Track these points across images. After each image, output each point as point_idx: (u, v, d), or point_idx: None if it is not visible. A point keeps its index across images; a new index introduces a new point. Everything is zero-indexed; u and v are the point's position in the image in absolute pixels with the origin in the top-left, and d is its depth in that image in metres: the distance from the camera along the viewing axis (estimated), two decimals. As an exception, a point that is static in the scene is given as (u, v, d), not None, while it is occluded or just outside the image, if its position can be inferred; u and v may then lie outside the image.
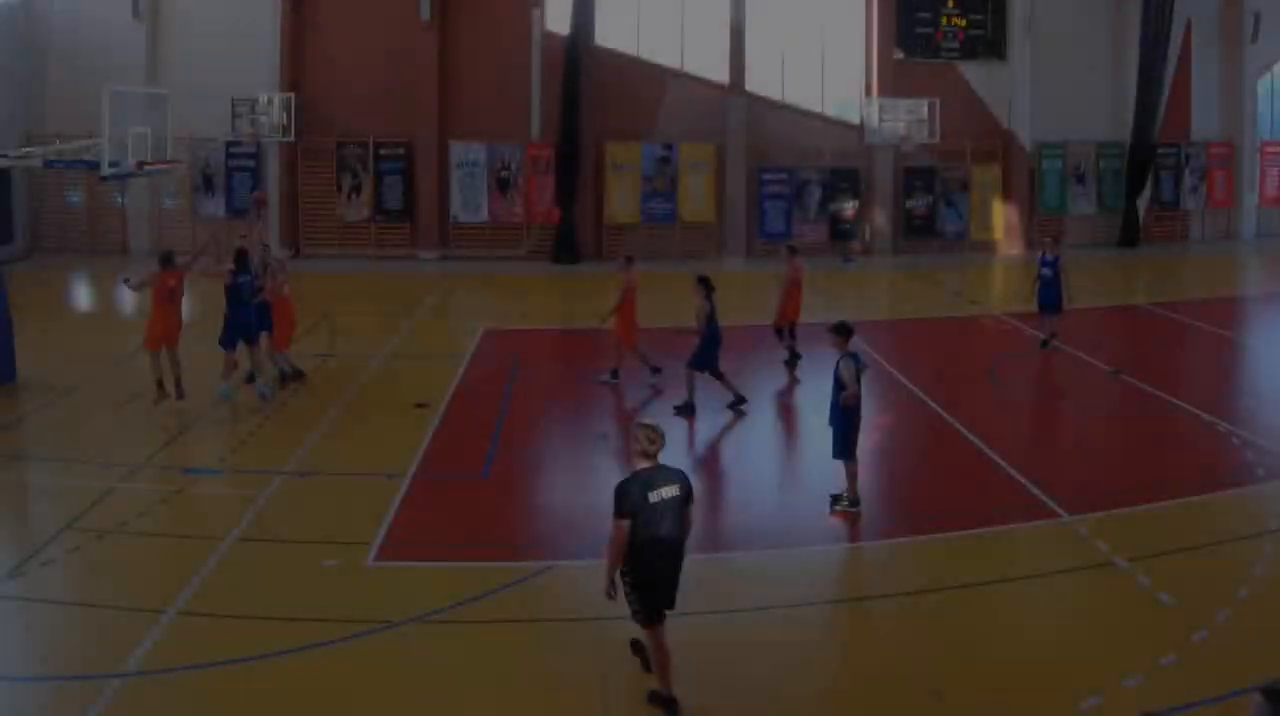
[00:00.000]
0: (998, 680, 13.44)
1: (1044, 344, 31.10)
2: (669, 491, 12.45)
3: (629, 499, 12.33)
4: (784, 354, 29.48)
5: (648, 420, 13.08)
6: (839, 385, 18.64)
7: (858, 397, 18.65)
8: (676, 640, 12.68)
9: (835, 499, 19.02)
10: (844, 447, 18.91)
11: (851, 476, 18.98)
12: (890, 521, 18.88)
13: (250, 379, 26.22)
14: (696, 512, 13.14)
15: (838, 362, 18.73)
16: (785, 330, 29.56)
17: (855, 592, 16.67)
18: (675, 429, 23.05)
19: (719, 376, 24.88)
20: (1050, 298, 30.93)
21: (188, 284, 25.97)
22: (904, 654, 14.18)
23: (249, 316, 25.49)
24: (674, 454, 15.99)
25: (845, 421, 18.77)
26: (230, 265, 25.58)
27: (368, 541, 17.51)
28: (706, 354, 24.66)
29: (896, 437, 23.59)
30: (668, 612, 12.67)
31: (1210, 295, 41.16)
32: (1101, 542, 17.32)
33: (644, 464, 12.63)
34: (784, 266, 30.12)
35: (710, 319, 24.43)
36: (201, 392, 24.98)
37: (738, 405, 24.63)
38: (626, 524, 12.30)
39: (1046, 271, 31.07)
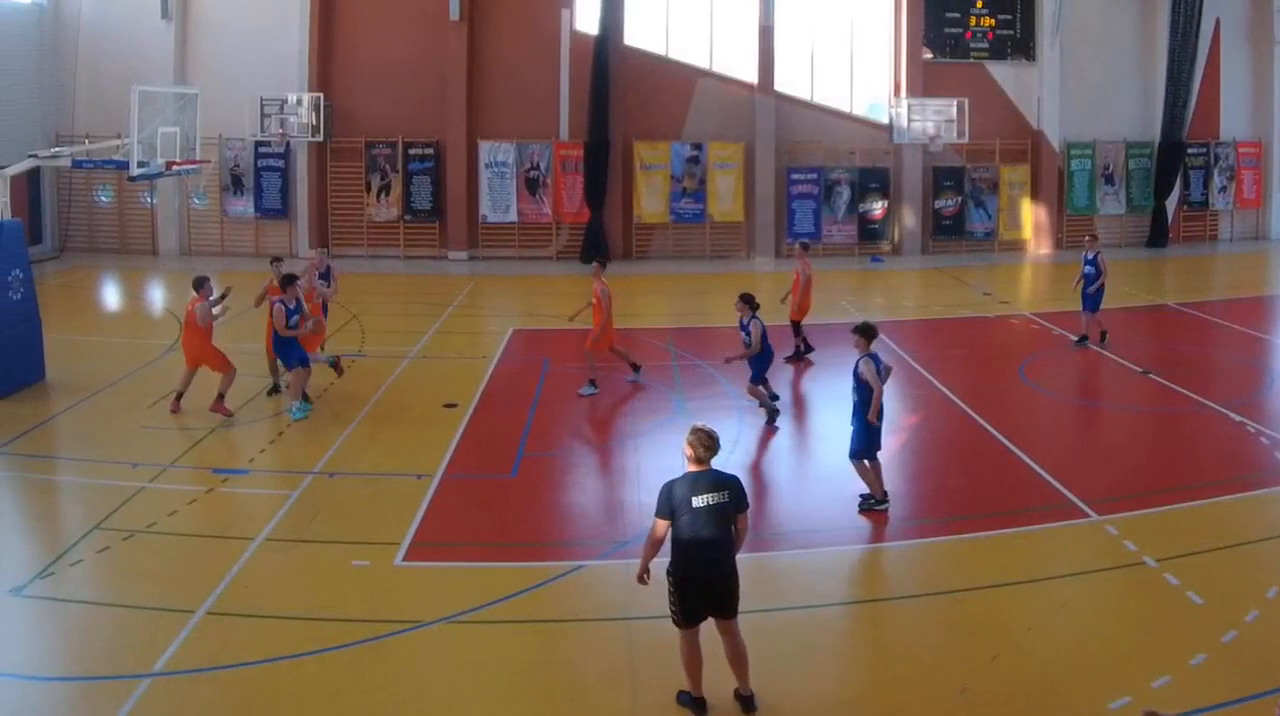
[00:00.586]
0: (1026, 679, 13.41)
1: (1082, 341, 31.42)
2: (716, 496, 12.43)
3: (671, 500, 12.38)
4: (797, 349, 30.07)
5: (701, 424, 12.99)
6: (860, 384, 18.80)
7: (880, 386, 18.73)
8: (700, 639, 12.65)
9: (865, 498, 19.10)
10: (860, 448, 18.99)
11: (875, 473, 19.09)
12: (919, 520, 18.87)
13: (275, 390, 26.32)
14: None
15: (858, 362, 18.83)
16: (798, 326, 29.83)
17: (883, 592, 16.62)
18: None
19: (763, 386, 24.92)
20: (1093, 295, 31.31)
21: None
22: (932, 652, 14.16)
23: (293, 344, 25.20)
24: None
25: (865, 422, 18.83)
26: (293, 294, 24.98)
27: (397, 541, 17.56)
28: (762, 367, 24.65)
29: (925, 437, 23.61)
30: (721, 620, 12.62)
31: (1239, 295, 41.03)
32: (1130, 542, 17.32)
33: (694, 467, 12.62)
34: (797, 263, 30.52)
35: (764, 337, 24.24)
36: (231, 391, 24.94)
37: (771, 421, 24.27)
38: (665, 524, 12.36)
39: (1089, 269, 31.35)
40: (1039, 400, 26.96)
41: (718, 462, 12.87)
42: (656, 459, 21.87)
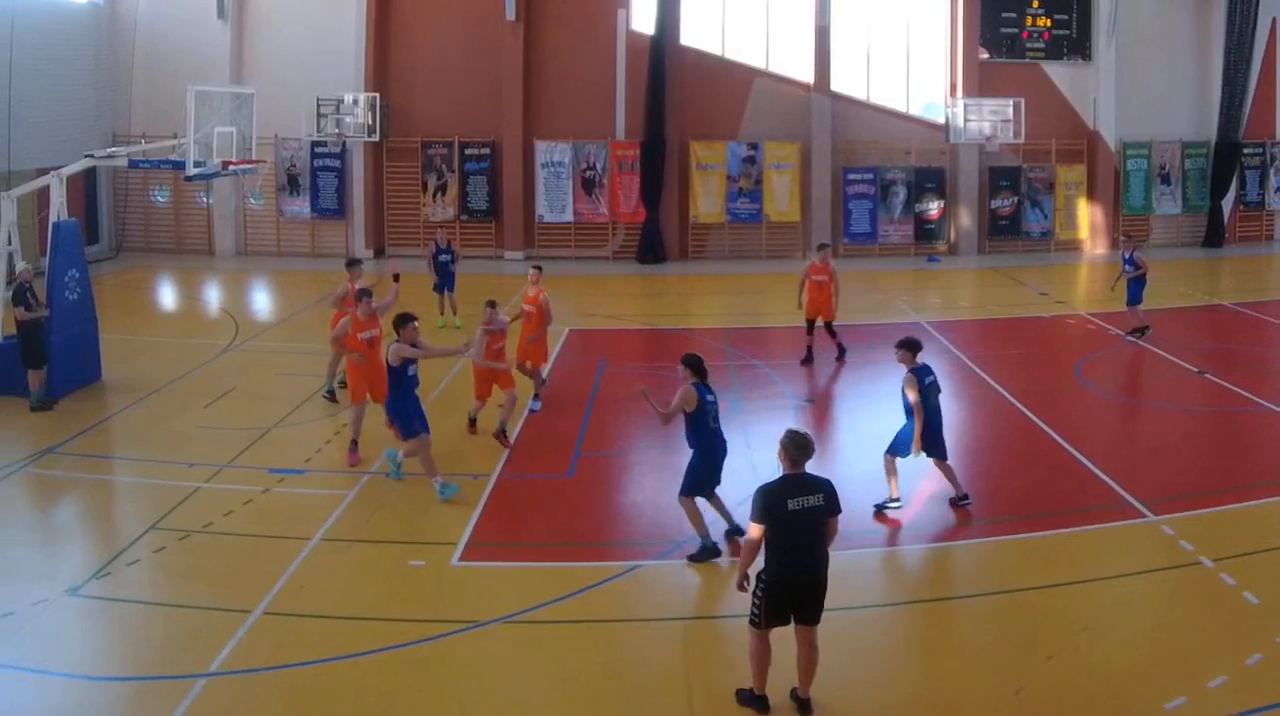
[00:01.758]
0: (1082, 679, 13.36)
1: (1140, 332, 31.69)
2: (810, 500, 12.47)
3: (767, 505, 12.36)
4: (832, 350, 29.85)
5: (795, 427, 13.02)
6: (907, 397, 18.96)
7: (922, 408, 18.78)
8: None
9: (958, 498, 19.32)
10: (898, 446, 19.23)
11: (948, 473, 19.33)
12: (975, 521, 18.82)
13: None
14: None
15: (905, 377, 18.97)
16: (812, 324, 29.64)
17: (939, 591, 16.55)
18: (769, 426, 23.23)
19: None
20: (1134, 292, 31.82)
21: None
22: (987, 652, 14.14)
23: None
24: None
25: (911, 428, 18.98)
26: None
27: (453, 541, 17.58)
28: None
29: (982, 437, 23.60)
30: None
31: (1296, 295, 40.64)
32: (1187, 542, 17.25)
33: (789, 470, 12.62)
34: (820, 262, 30.09)
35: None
36: (286, 391, 25.00)
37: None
38: (761, 529, 12.31)
39: (1129, 268, 31.88)
40: (1095, 400, 26.86)
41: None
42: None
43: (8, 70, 37.35)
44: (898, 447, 19.22)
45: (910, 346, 19.20)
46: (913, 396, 18.66)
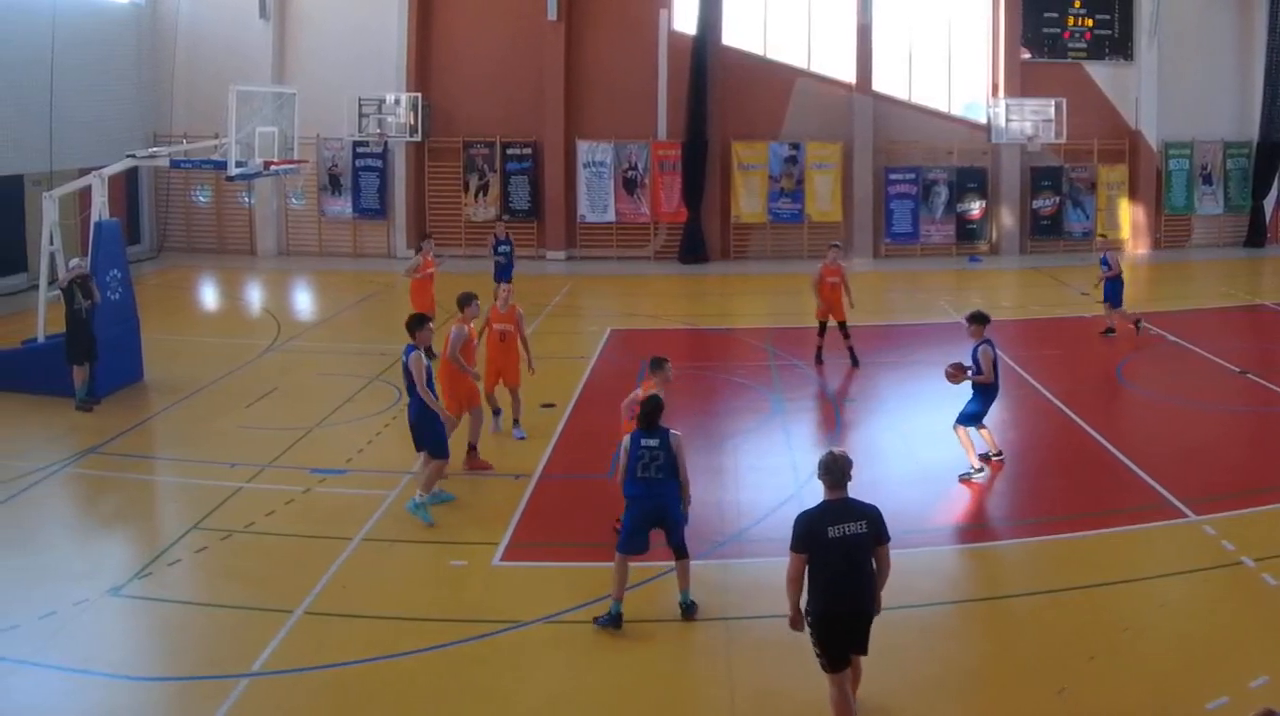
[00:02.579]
0: (1124, 679, 13.35)
1: (1123, 328, 32.40)
2: (852, 527, 11.85)
3: (806, 532, 11.87)
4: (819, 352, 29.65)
5: (836, 448, 12.55)
6: (979, 368, 20.03)
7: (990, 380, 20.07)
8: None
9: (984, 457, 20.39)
10: (969, 417, 20.31)
11: (970, 445, 20.11)
12: (1016, 521, 18.89)
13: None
14: None
15: (976, 347, 20.18)
16: (824, 325, 29.44)
17: (981, 592, 16.54)
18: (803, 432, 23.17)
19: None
20: (1110, 293, 32.55)
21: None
22: (1029, 652, 14.13)
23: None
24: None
25: (981, 396, 20.21)
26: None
27: (495, 541, 17.65)
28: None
29: (1023, 437, 23.49)
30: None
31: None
32: (1228, 542, 17.20)
33: (831, 495, 12.11)
34: (831, 263, 29.78)
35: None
36: (328, 391, 25.06)
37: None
38: (801, 559, 11.86)
39: (1105, 269, 32.44)
40: (1136, 400, 26.90)
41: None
42: (754, 459, 22.01)
43: (49, 70, 37.53)
44: (969, 419, 20.23)
45: (983, 320, 20.27)
46: (986, 363, 19.86)
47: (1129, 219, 51.14)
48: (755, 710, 12.97)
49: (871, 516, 11.97)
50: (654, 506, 15.11)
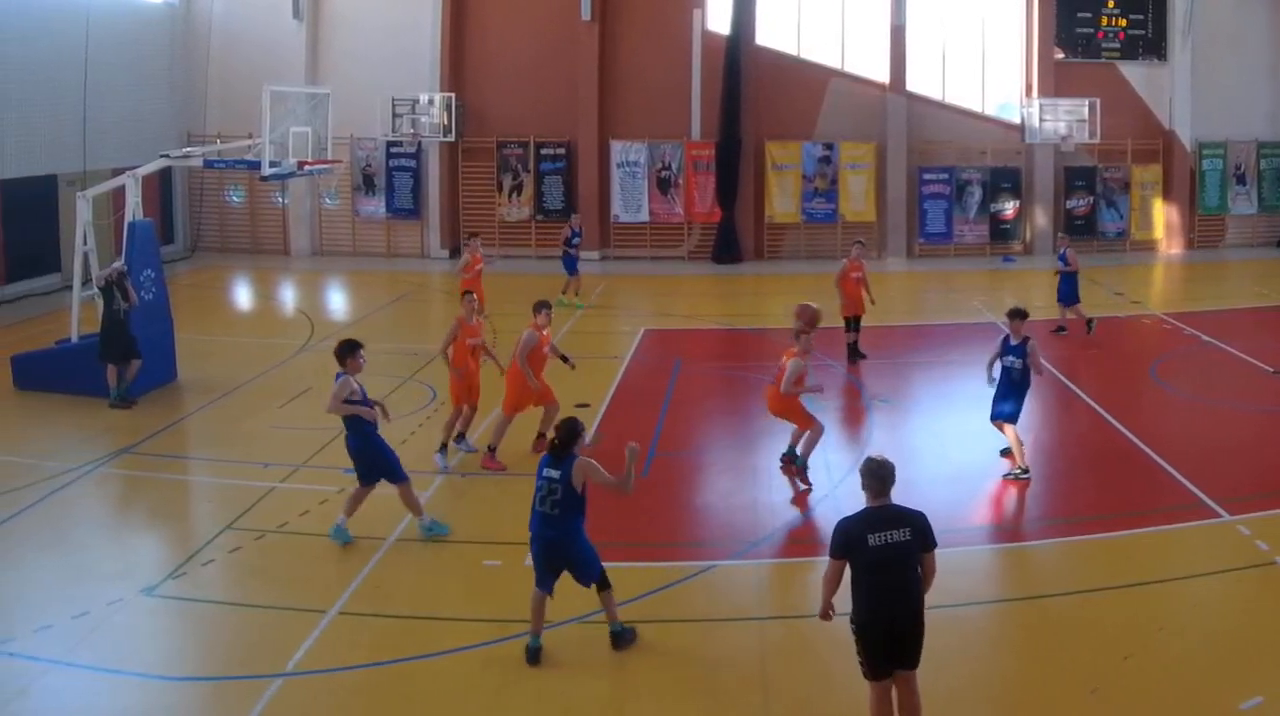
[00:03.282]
0: (1157, 679, 13.35)
1: (1060, 330, 32.88)
2: (896, 535, 11.47)
3: (845, 539, 11.56)
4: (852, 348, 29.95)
5: (876, 454, 12.20)
6: (1025, 361, 20.35)
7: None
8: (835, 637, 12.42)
9: (1006, 452, 20.87)
10: (1009, 415, 20.50)
11: (1020, 444, 20.41)
12: (1050, 520, 18.87)
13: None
14: None
15: (1026, 342, 20.39)
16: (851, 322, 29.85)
17: (1015, 591, 16.54)
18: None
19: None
20: (1064, 289, 32.99)
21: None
22: (1063, 652, 14.10)
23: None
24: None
25: (1013, 393, 20.51)
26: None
27: (527, 541, 17.50)
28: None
29: (1057, 437, 23.49)
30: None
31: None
32: (1263, 542, 17.18)
33: (872, 502, 11.77)
34: (855, 259, 30.38)
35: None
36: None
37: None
38: (839, 565, 11.62)
39: (1062, 265, 32.94)
40: (1170, 400, 26.78)
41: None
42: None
43: (83, 70, 37.67)
44: (1010, 416, 20.54)
45: (1024, 316, 20.72)
46: (1035, 359, 20.39)
47: (1163, 219, 51.03)
48: (790, 711, 12.97)
49: (916, 523, 11.65)
50: (549, 544, 14.30)
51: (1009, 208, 50.37)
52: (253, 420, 24.64)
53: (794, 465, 20.15)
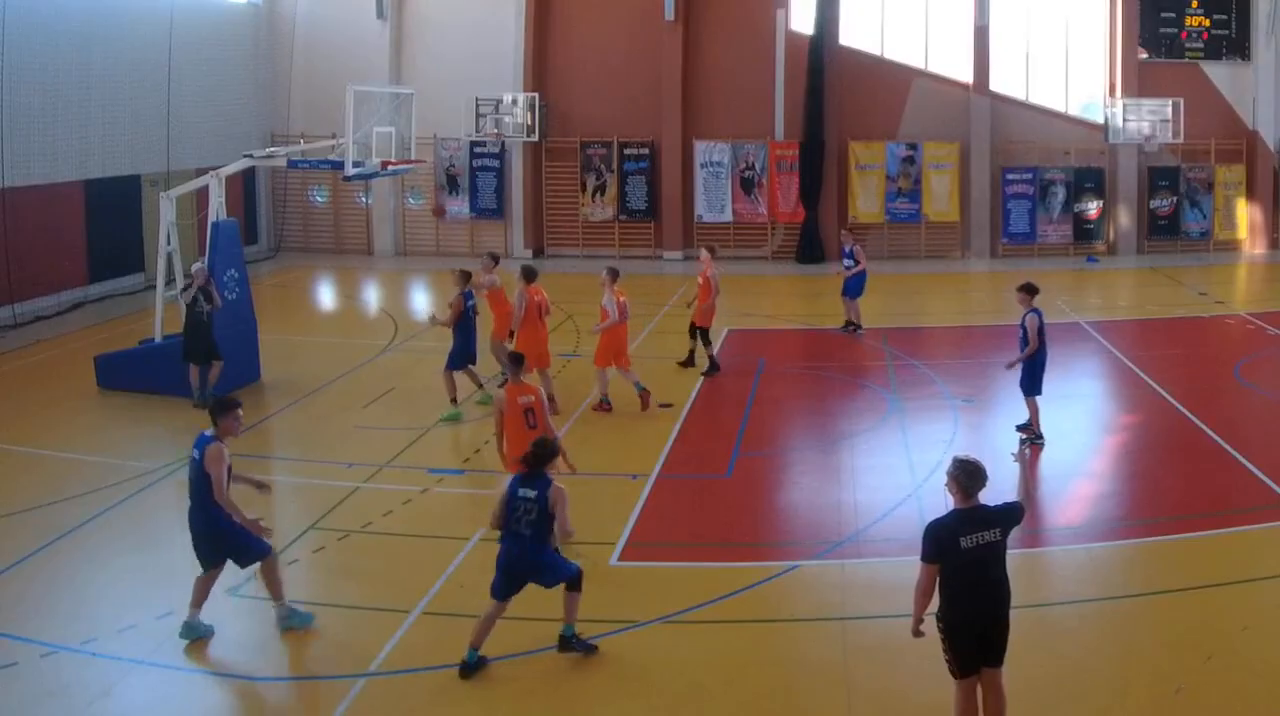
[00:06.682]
0: (1241, 680, 13.28)
1: (853, 328, 32.81)
2: (987, 536, 11.44)
3: (937, 543, 11.46)
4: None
5: (964, 455, 12.05)
6: (1025, 336, 21.29)
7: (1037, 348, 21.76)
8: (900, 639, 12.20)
9: (1022, 427, 21.68)
10: (1031, 384, 21.53)
11: (1034, 411, 21.42)
12: (1133, 521, 18.75)
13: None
14: None
15: (1024, 316, 21.27)
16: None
17: (1097, 591, 16.38)
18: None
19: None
20: (851, 285, 32.81)
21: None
22: (1146, 652, 14.08)
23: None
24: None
25: (1032, 364, 21.43)
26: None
27: (612, 541, 17.66)
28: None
29: (1141, 437, 23.47)
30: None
31: None
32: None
33: (961, 503, 11.67)
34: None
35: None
36: (445, 392, 25.08)
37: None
38: (932, 570, 11.48)
39: (848, 262, 32.67)
40: (1255, 400, 26.55)
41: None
42: (872, 459, 22.02)
43: (167, 71, 38.00)
44: (1034, 388, 21.73)
45: (1034, 290, 21.66)
46: (1032, 330, 21.29)
47: (1246, 219, 50.54)
48: (874, 711, 12.97)
49: (1005, 523, 11.63)
50: (519, 565, 14.04)
51: (1093, 208, 50.00)
52: (336, 420, 24.82)
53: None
